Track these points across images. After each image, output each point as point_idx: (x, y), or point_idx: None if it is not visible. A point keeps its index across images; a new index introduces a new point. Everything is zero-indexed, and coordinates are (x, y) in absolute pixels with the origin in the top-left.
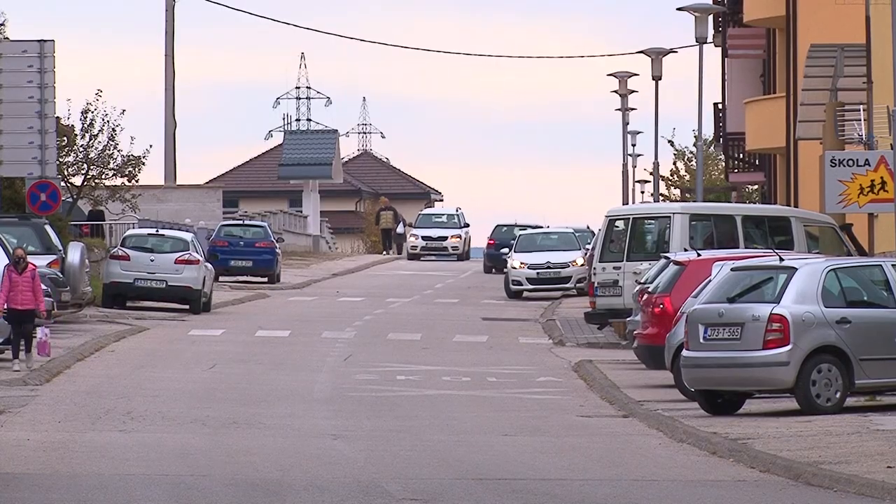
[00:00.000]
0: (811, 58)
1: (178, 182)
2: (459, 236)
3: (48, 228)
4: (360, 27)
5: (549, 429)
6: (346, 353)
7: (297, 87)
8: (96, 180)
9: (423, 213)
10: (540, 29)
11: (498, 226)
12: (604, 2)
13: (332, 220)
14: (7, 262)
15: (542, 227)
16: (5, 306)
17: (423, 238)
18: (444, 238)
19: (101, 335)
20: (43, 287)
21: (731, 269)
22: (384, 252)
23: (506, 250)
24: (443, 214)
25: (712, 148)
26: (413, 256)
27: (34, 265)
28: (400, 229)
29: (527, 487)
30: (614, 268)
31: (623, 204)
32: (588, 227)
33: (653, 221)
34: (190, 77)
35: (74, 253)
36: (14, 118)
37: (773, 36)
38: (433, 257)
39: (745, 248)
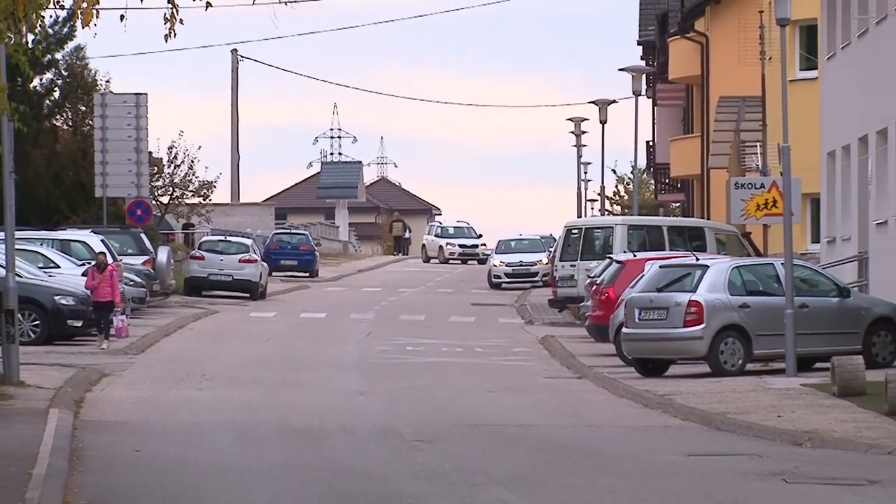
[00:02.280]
0: (720, 106)
1: (241, 201)
2: (485, 244)
3: (143, 236)
4: (379, 83)
5: (522, 387)
6: (368, 330)
7: (331, 129)
8: (179, 199)
9: (442, 224)
10: (515, 84)
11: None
12: (564, 64)
13: (358, 230)
14: (112, 262)
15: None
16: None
17: (460, 246)
18: (476, 246)
19: (183, 317)
20: (138, 279)
21: (660, 267)
22: (395, 254)
23: None
24: (462, 227)
25: (645, 175)
26: (445, 261)
27: (112, 266)
28: (407, 235)
29: (506, 431)
30: (571, 265)
31: (577, 217)
32: (551, 235)
33: (600, 231)
34: (250, 120)
35: (163, 254)
36: (117, 152)
37: (691, 90)
38: (464, 262)
39: (670, 250)
